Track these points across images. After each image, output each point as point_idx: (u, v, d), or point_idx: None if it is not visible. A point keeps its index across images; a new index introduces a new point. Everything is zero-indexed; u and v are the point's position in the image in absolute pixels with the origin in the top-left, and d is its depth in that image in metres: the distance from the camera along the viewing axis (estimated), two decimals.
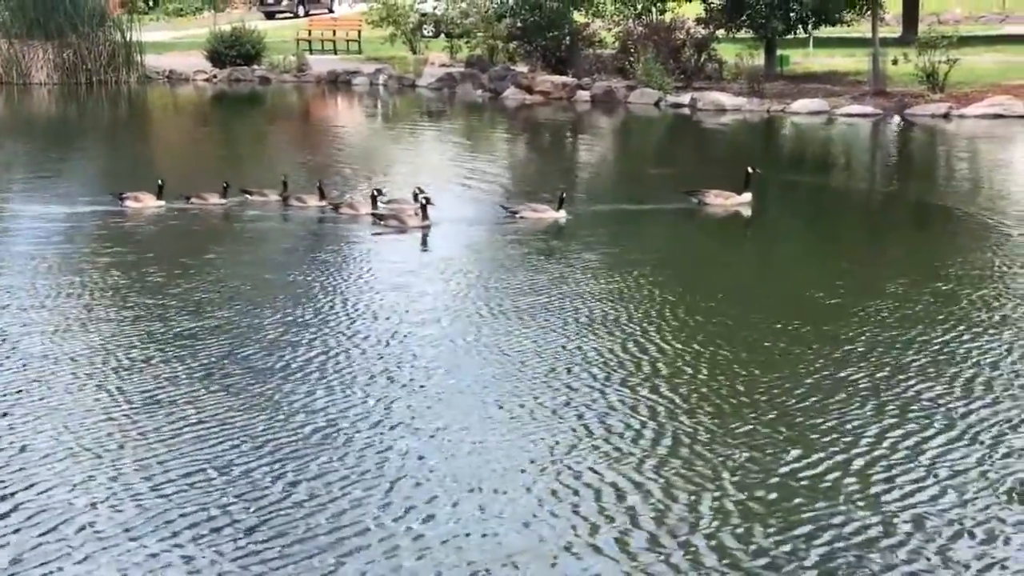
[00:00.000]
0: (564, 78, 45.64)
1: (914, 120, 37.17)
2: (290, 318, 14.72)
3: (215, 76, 54.09)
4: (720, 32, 46.08)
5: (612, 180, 28.52)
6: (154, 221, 21.59)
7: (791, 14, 44.53)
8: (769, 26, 44.27)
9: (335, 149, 33.81)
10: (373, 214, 20.96)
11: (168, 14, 79.94)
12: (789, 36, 47.22)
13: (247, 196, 22.98)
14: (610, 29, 48.73)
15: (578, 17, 49.41)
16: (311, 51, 59.10)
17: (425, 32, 60.21)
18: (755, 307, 15.33)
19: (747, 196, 22.05)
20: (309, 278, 16.98)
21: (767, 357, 13.02)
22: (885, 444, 10.51)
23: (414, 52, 56.60)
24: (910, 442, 10.56)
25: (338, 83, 52.28)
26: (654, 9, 49.95)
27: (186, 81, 53.90)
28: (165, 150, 35.62)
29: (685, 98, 41.68)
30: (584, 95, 44.33)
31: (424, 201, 20.45)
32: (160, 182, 22.51)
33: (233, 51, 54.49)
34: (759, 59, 45.14)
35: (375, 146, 35.03)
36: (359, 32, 61.18)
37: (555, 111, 42.56)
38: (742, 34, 47.00)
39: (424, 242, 19.68)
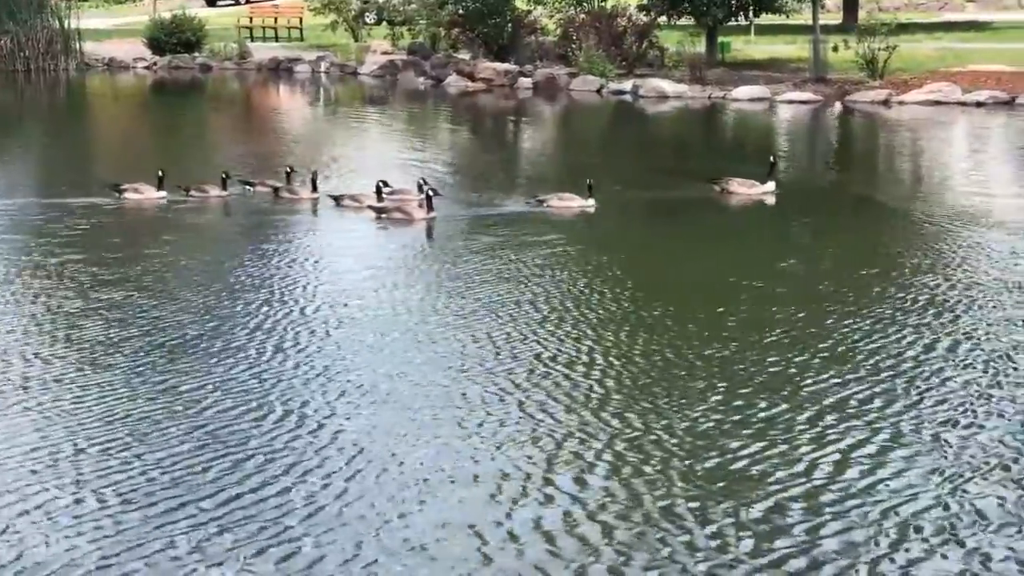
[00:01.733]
0: (506, 65, 45.62)
1: (854, 107, 37.39)
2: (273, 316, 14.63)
3: (155, 64, 53.71)
4: (661, 19, 46.21)
5: (554, 170, 28.47)
6: (153, 213, 21.30)
7: (732, 1, 44.74)
8: (710, 13, 44.42)
9: (279, 138, 33.59)
10: (372, 207, 20.39)
11: (107, 1, 79.24)
12: (730, 23, 47.37)
13: (247, 187, 22.53)
14: (552, 16, 48.73)
15: (520, 4, 49.37)
16: (252, 39, 58.82)
17: (367, 19, 59.93)
18: (687, 299, 15.38)
19: (771, 185, 21.94)
20: (297, 273, 16.85)
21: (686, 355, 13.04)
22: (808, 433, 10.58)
23: (356, 40, 56.37)
24: (844, 437, 10.62)
25: (280, 71, 52.03)
26: None
27: (126, 69, 53.48)
28: (105, 140, 35.32)
29: (627, 85, 41.74)
30: (526, 82, 44.31)
31: (431, 192, 20.08)
32: (160, 173, 21.95)
33: (173, 39, 54.15)
34: (700, 46, 45.32)
35: (320, 135, 34.83)
36: (301, 19, 60.90)
37: (497, 98, 42.54)
38: (683, 21, 47.14)
39: (429, 234, 19.40)
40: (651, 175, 22.67)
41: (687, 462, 9.98)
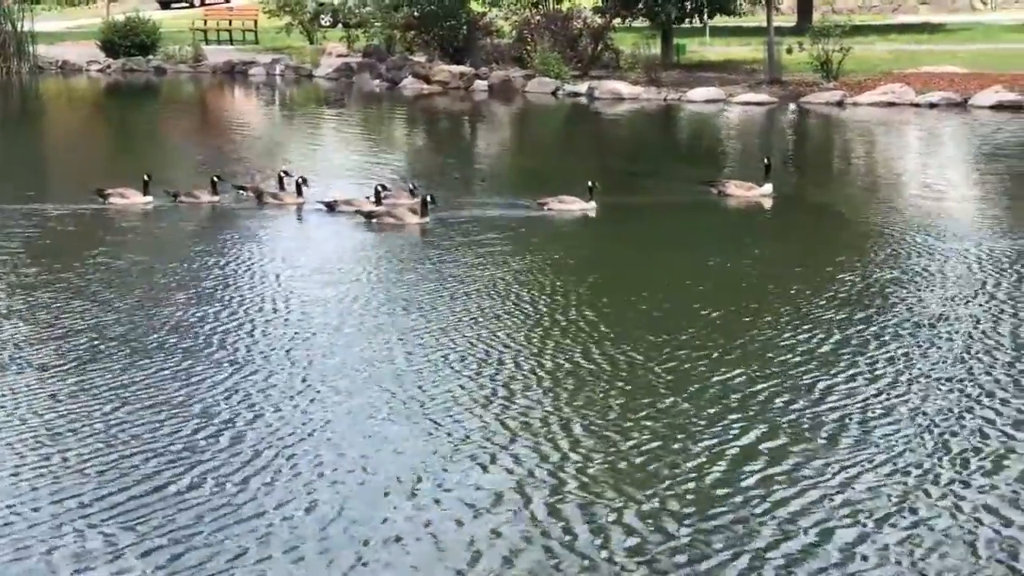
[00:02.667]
0: (462, 68, 45.61)
1: (809, 108, 37.58)
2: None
3: (109, 66, 53.44)
4: (616, 21, 46.31)
5: (508, 173, 28.46)
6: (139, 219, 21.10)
7: (686, 3, 44.91)
8: (664, 15, 44.55)
9: (235, 141, 33.38)
10: (361, 211, 20.08)
11: (60, 3, 78.77)
12: (685, 25, 47.53)
13: (240, 192, 22.20)
14: (507, 18, 48.75)
15: (475, 6, 49.38)
16: (207, 41, 58.60)
17: (322, 22, 59.85)
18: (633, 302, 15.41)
19: (768, 187, 21.88)
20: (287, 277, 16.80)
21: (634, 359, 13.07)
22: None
23: (311, 42, 56.30)
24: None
25: (235, 74, 51.85)
26: None
27: (79, 71, 53.24)
28: (65, 144, 34.94)
29: (582, 87, 41.81)
30: (482, 84, 44.33)
31: (427, 198, 19.86)
32: (146, 177, 21.66)
33: (127, 41, 53.90)
34: (656, 48, 45.41)
35: (280, 138, 34.70)
36: (256, 22, 60.76)
37: (453, 101, 42.53)
38: (639, 23, 47.25)
39: (415, 238, 19.19)
40: (614, 178, 22.58)
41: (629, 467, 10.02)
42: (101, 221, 20.74)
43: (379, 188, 20.93)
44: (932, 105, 36.52)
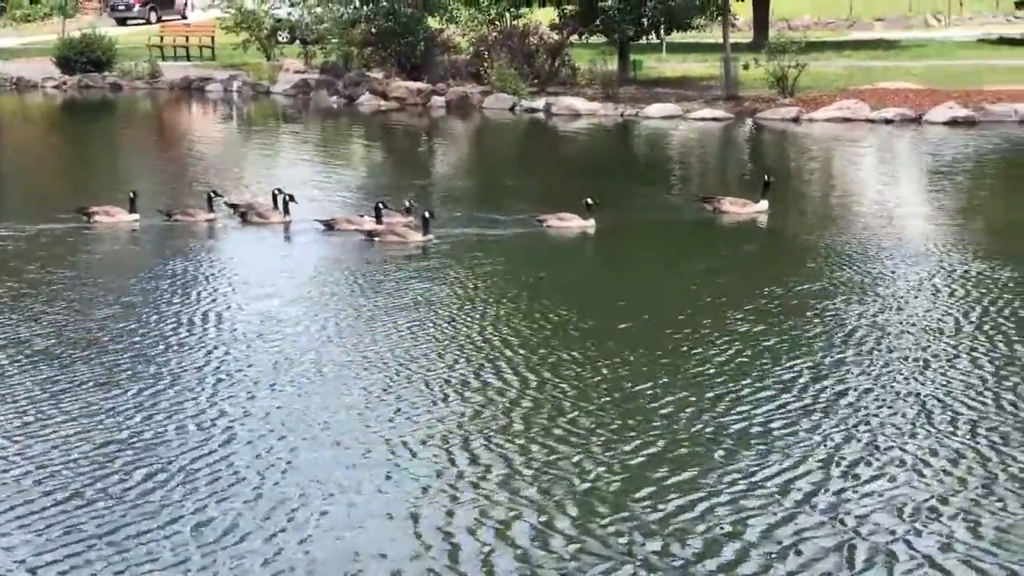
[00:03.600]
0: (419, 84, 45.56)
1: (765, 124, 37.75)
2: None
3: (65, 83, 53.05)
4: (574, 37, 46.40)
5: (470, 190, 28.45)
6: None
7: (643, 19, 45.01)
8: (621, 31, 44.68)
9: (193, 158, 33.25)
10: (360, 230, 19.95)
11: (15, 20, 78.27)
12: (642, 41, 47.65)
13: (232, 210, 21.80)
14: (464, 35, 48.74)
15: (432, 23, 49.32)
16: (164, 58, 58.27)
17: (280, 38, 59.59)
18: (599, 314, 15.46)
19: (763, 204, 21.90)
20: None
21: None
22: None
23: (269, 58, 56.08)
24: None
25: (191, 90, 51.55)
26: (507, 15, 50.05)
27: (35, 88, 52.87)
28: (27, 162, 34.59)
29: (540, 103, 41.85)
30: (439, 101, 44.31)
31: (427, 215, 19.73)
32: (132, 195, 21.42)
33: (83, 57, 53.49)
34: (613, 64, 45.52)
35: (234, 154, 34.57)
36: (212, 38, 60.43)
37: (411, 117, 42.51)
38: (595, 39, 47.35)
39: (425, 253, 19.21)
40: (574, 195, 22.46)
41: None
42: (83, 241, 20.56)
43: (380, 206, 20.55)
44: (887, 121, 36.78)
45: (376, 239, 19.63)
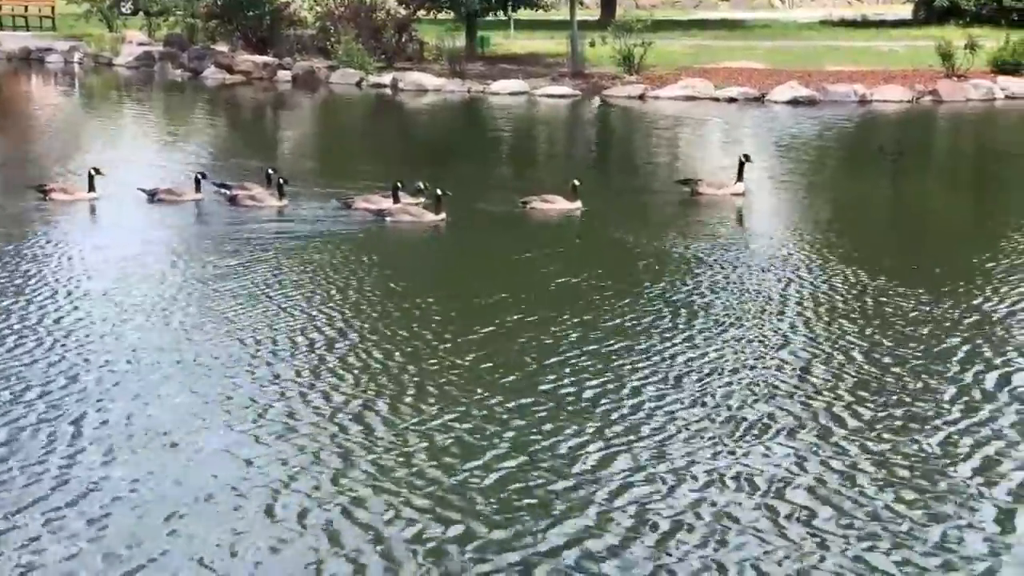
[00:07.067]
0: (265, 58, 45.15)
1: (611, 101, 38.02)
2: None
3: None
4: (421, 13, 46.27)
5: (315, 169, 28.18)
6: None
7: None
8: (468, 7, 44.66)
9: (34, 132, 32.40)
10: (369, 210, 19.41)
11: None
12: (490, 18, 47.66)
13: (224, 191, 20.89)
14: (311, 9, 48.29)
15: None
16: (1, 27, 57.04)
17: (123, 9, 58.63)
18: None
19: (741, 186, 21.62)
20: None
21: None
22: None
23: (111, 30, 55.14)
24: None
25: (31, 60, 50.50)
26: None
27: None
28: None
29: (387, 78, 41.69)
30: (285, 75, 43.92)
31: (440, 192, 19.18)
32: (92, 172, 20.70)
33: None
34: (460, 40, 45.47)
35: (77, 128, 33.72)
36: (53, 8, 59.32)
37: (256, 91, 42.07)
38: (443, 15, 47.25)
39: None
40: (416, 173, 22.17)
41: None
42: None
43: (398, 185, 19.84)
44: (731, 100, 37.30)
45: (389, 219, 19.27)
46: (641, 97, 38.10)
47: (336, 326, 13.49)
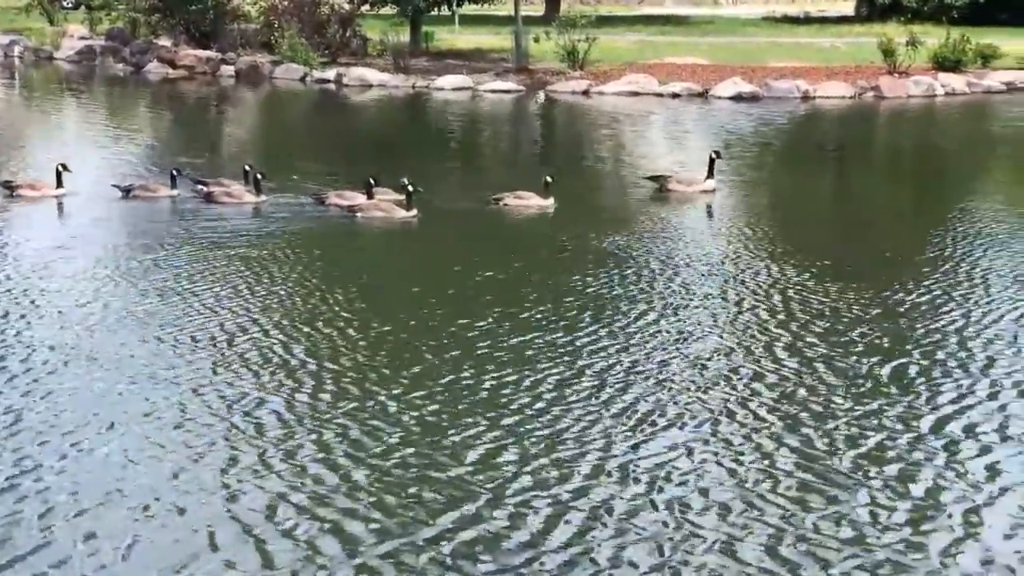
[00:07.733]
0: (208, 52, 44.94)
1: (556, 96, 38.08)
2: None
3: None
4: (365, 8, 46.19)
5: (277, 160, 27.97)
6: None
7: None
8: (412, 2, 44.63)
9: None
10: (339, 206, 19.23)
11: None
12: (434, 13, 47.62)
13: (202, 187, 20.58)
14: (255, 3, 48.09)
15: None
16: None
17: (64, 3, 58.25)
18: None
19: (711, 183, 21.42)
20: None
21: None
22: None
23: (52, 23, 54.76)
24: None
25: None
26: None
27: None
28: None
29: (331, 73, 41.61)
30: (228, 70, 43.75)
31: (411, 188, 18.88)
32: (60, 168, 20.35)
33: None
34: (404, 36, 45.40)
35: (23, 123, 33.36)
36: None
37: (199, 86, 41.87)
38: (387, 11, 47.17)
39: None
40: (361, 171, 22.00)
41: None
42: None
43: (370, 181, 19.75)
44: (675, 95, 37.44)
45: (360, 215, 19.10)
46: (585, 93, 38.18)
47: (242, 322, 13.28)
